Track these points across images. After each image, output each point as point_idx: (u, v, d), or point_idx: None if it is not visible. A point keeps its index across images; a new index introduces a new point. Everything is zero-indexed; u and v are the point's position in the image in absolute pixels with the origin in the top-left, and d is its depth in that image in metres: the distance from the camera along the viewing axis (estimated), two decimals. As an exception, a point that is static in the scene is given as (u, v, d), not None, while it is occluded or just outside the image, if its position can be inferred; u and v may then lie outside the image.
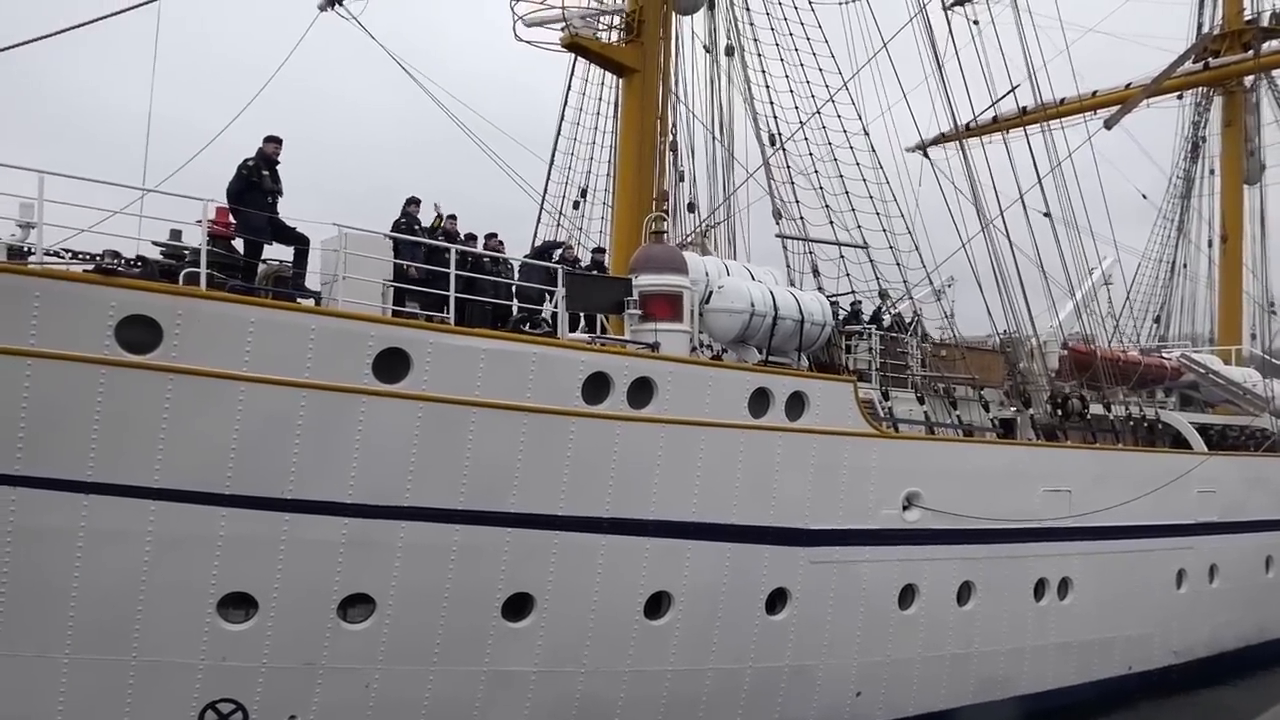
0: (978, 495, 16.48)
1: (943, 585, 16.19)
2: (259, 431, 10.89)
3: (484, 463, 12.01)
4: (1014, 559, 17.08)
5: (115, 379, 10.28)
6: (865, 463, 15.07)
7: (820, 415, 14.54)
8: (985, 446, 17.64)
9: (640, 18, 19.19)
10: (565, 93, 22.31)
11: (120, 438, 10.42)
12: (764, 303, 14.31)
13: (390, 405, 11.47)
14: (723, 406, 13.63)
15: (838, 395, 14.80)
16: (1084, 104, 29.06)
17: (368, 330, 11.35)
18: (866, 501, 15.13)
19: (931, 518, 15.80)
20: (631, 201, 18.81)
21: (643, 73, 19.19)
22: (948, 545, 16.13)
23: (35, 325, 9.91)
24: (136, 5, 11.79)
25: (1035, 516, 17.31)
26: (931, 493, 15.85)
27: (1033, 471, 17.62)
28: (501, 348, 12.10)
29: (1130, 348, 26.59)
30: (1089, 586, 18.31)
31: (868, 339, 17.60)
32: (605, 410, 12.73)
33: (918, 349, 18.34)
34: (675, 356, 13.54)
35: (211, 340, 10.58)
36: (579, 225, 22.65)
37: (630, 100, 19.48)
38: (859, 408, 15.04)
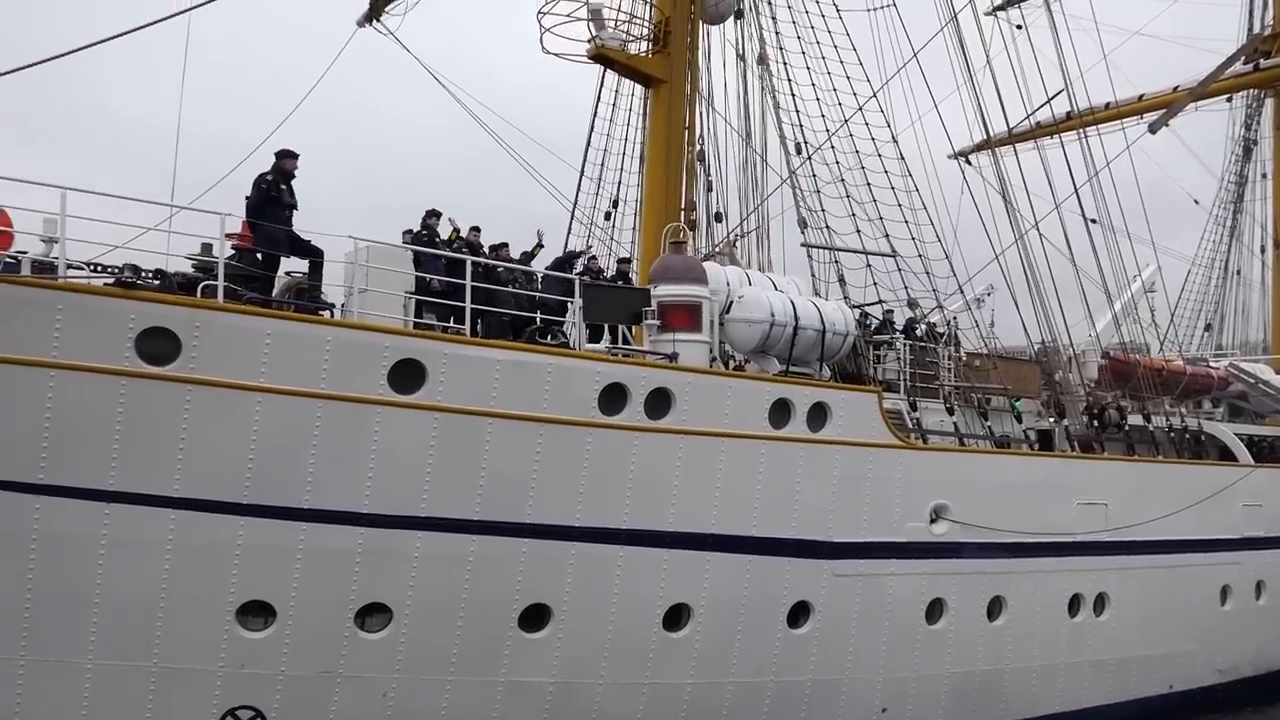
0: (1009, 508, 16.25)
1: (972, 600, 15.96)
2: (276, 442, 11.07)
3: (500, 473, 12.10)
4: (1047, 573, 16.80)
5: (135, 390, 10.52)
6: (890, 474, 14.94)
7: (843, 426, 14.43)
8: (1016, 458, 17.38)
9: (667, 28, 19.26)
10: (595, 103, 22.44)
11: (140, 448, 10.66)
12: (784, 312, 14.26)
13: (406, 416, 11.60)
14: (742, 417, 13.60)
15: (861, 406, 14.70)
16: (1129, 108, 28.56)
17: (383, 341, 11.50)
18: (892, 514, 14.99)
19: (960, 530, 15.61)
20: (659, 212, 18.82)
21: (670, 83, 19.25)
22: (977, 559, 15.92)
23: (58, 338, 10.18)
24: (166, 18, 12.04)
25: (1069, 530, 17.02)
26: (960, 505, 15.65)
27: (1066, 484, 17.32)
28: (517, 358, 12.18)
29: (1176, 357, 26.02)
30: (1127, 602, 17.94)
31: (896, 349, 17.41)
32: (623, 421, 12.75)
33: (949, 359, 18.08)
34: (693, 367, 13.54)
35: (229, 352, 10.79)
36: (611, 236, 22.74)
37: (658, 110, 19.53)
38: (883, 418, 14.92)
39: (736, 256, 19.78)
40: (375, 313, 12.28)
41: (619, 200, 22.84)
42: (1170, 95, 28.38)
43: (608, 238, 22.62)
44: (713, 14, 20.15)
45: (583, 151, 22.48)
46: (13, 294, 9.97)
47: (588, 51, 18.79)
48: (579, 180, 22.38)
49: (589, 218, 22.69)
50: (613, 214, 22.88)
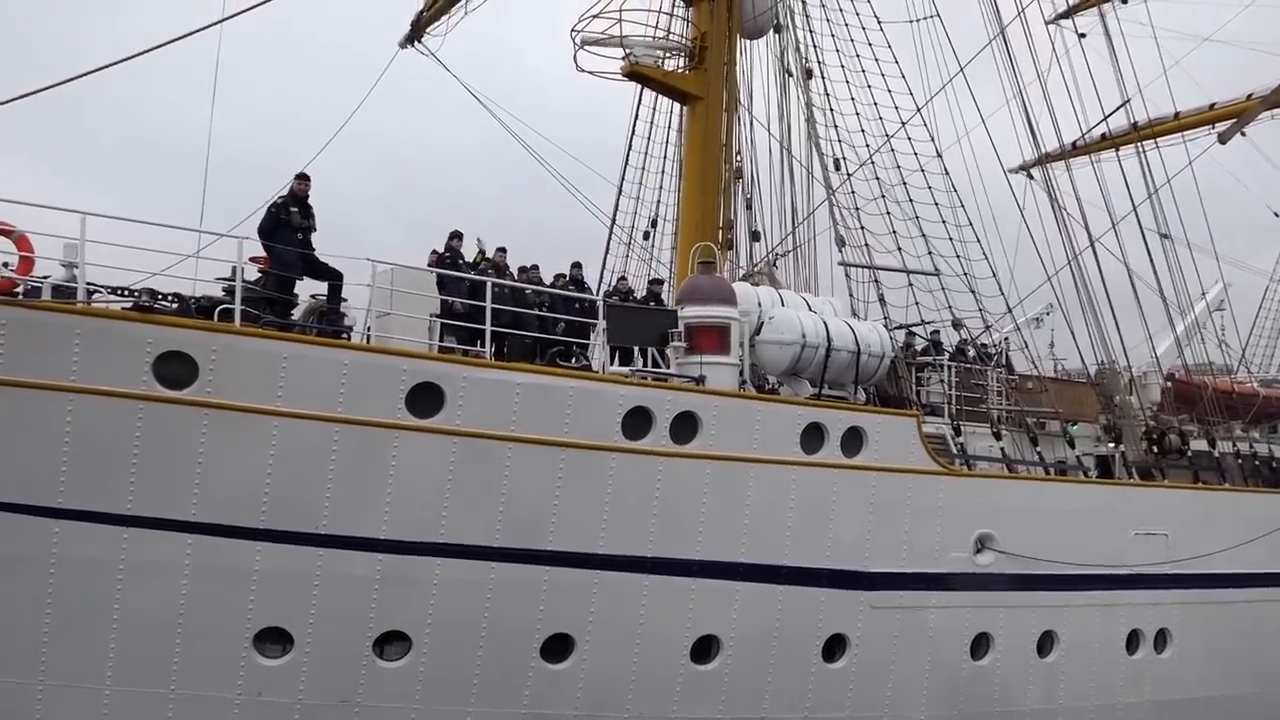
0: (1060, 538, 15.88)
1: (1021, 635, 15.60)
2: (293, 466, 11.24)
3: (521, 499, 12.15)
4: (1102, 607, 16.36)
5: (153, 414, 10.77)
6: (931, 502, 14.71)
7: (880, 451, 14.26)
8: (1067, 485, 17.00)
9: (704, 43, 19.33)
10: (632, 120, 22.58)
11: (158, 472, 10.89)
12: (816, 334, 14.16)
13: (424, 440, 11.72)
14: (773, 442, 13.51)
15: (899, 430, 14.52)
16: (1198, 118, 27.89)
17: (400, 365, 11.64)
18: (933, 543, 14.74)
19: (1007, 561, 15.29)
20: (696, 231, 18.83)
21: (707, 99, 19.32)
22: (1026, 591, 15.57)
23: (76, 362, 10.47)
24: (195, 31, 12.35)
25: (1126, 561, 16.56)
26: (1007, 535, 15.34)
27: (1122, 512, 16.89)
28: (538, 382, 12.25)
29: (1250, 379, 25.30)
30: (1191, 639, 17.37)
31: (940, 371, 17.18)
32: (647, 446, 12.73)
33: (996, 381, 17.79)
34: (721, 390, 13.49)
35: (246, 375, 11.01)
36: (650, 256, 22.80)
37: (694, 127, 19.62)
38: (923, 443, 14.72)
39: (776, 277, 19.68)
40: (398, 336, 12.47)
41: (658, 219, 22.99)
42: (1243, 104, 27.70)
43: (646, 257, 22.73)
44: (750, 28, 20.18)
45: (620, 169, 22.71)
46: (31, 318, 10.29)
47: (622, 69, 18.94)
48: (616, 198, 22.57)
49: (628, 237, 22.83)
50: (651, 233, 22.99)
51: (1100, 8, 23.73)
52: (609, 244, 22.59)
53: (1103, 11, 23.30)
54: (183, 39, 12.04)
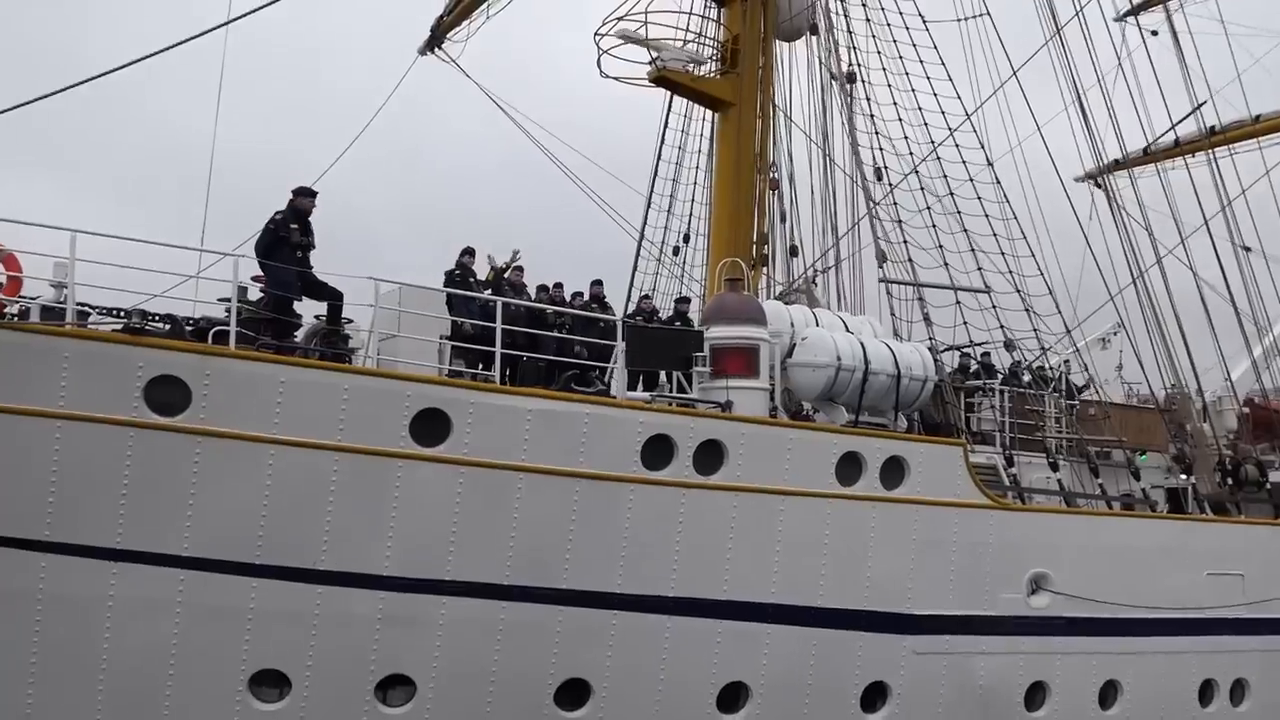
0: (1124, 578, 15.67)
1: (1081, 684, 15.34)
2: (290, 498, 11.33)
3: (533, 533, 12.15)
4: (1171, 654, 16.06)
5: (144, 441, 10.90)
6: (980, 538, 14.56)
7: (923, 483, 14.15)
8: (1132, 520, 16.74)
9: (736, 46, 19.38)
10: (661, 129, 22.69)
11: (149, 503, 11.01)
12: (852, 356, 14.09)
13: (430, 470, 11.76)
14: (806, 472, 13.44)
15: (944, 460, 14.42)
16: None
17: (404, 390, 11.71)
18: (982, 583, 14.58)
19: (1065, 604, 15.08)
20: (727, 246, 18.82)
21: (739, 106, 19.35)
22: (1086, 636, 15.34)
23: (64, 387, 10.64)
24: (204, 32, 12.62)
25: (1198, 604, 16.24)
26: (1065, 574, 15.15)
27: (1194, 550, 16.59)
28: (550, 408, 12.27)
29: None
30: (1272, 691, 16.96)
31: (992, 396, 17.00)
32: (669, 477, 12.71)
33: (1054, 407, 17.57)
34: (749, 417, 13.45)
35: (241, 401, 11.13)
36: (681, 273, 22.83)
37: (726, 136, 19.65)
38: (970, 474, 14.58)
39: (816, 294, 19.62)
40: (406, 360, 12.57)
41: (690, 234, 23.03)
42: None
43: (677, 275, 22.76)
44: (786, 30, 20.25)
45: (649, 181, 22.80)
46: (17, 341, 10.47)
47: (648, 75, 19.01)
48: (645, 212, 22.65)
49: (658, 253, 22.89)
50: (683, 249, 23.03)
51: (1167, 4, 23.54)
52: (636, 260, 22.72)
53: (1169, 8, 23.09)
54: (187, 42, 12.32)
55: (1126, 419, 19.34)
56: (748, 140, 19.35)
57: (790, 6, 20.05)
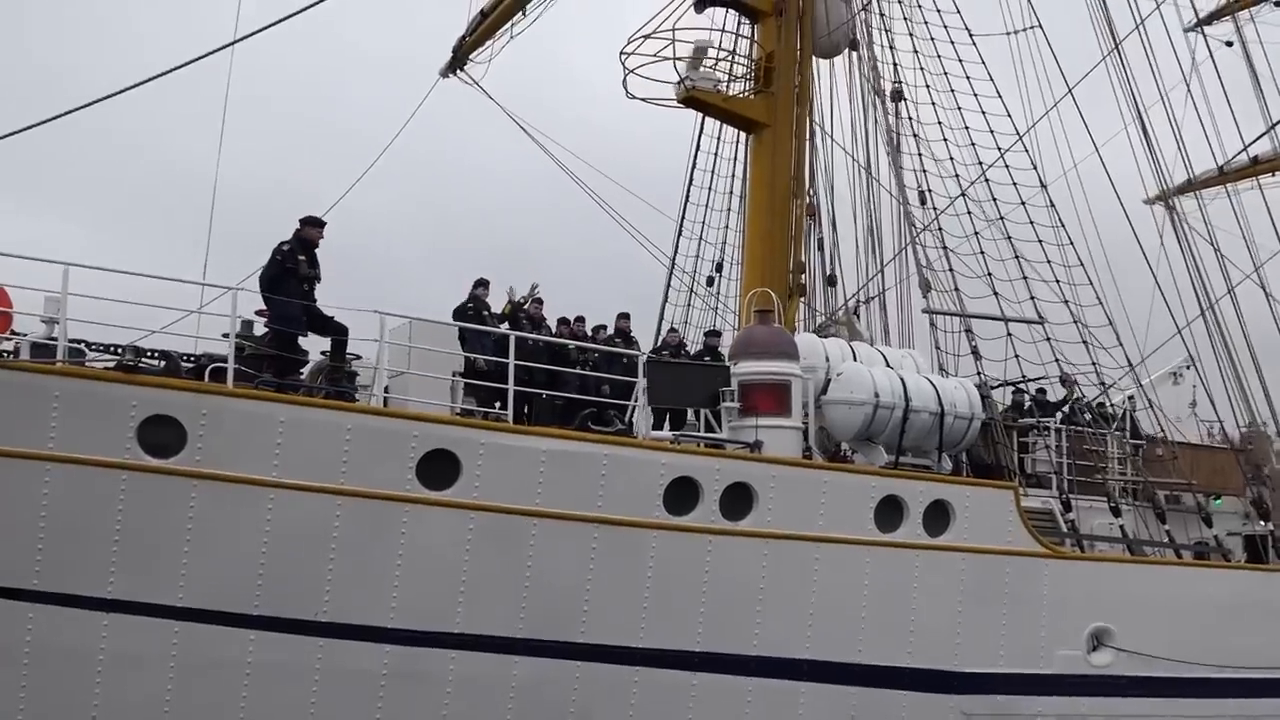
0: (1195, 634, 15.43)
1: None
2: (290, 544, 11.40)
3: (548, 583, 12.14)
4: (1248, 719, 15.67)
5: (137, 485, 11.03)
6: (1034, 589, 14.41)
7: (970, 529, 14.04)
8: (1204, 570, 16.49)
9: (770, 64, 19.47)
10: (693, 152, 22.78)
11: (142, 551, 11.12)
12: (892, 392, 14.01)
13: (438, 515, 11.81)
14: (842, 517, 13.38)
15: (993, 504, 14.30)
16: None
17: (410, 429, 11.79)
18: (1037, 639, 14.40)
19: (1129, 662, 14.85)
20: (762, 275, 18.84)
21: (774, 127, 19.40)
22: (1154, 698, 15.07)
23: (55, 427, 10.81)
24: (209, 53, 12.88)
25: (1277, 663, 15.85)
26: (1130, 630, 14.93)
27: (1274, 604, 16.26)
28: (566, 448, 12.30)
29: None
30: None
31: (1048, 435, 16.81)
32: (693, 522, 12.68)
33: (1116, 447, 17.34)
34: (781, 458, 13.39)
35: (239, 442, 11.24)
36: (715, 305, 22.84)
37: (760, 158, 19.69)
38: (1022, 519, 14.45)
39: (857, 327, 19.55)
40: (416, 399, 12.65)
41: (723, 263, 23.05)
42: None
43: (710, 306, 22.77)
44: (824, 46, 20.28)
45: (680, 207, 22.87)
46: (4, 379, 10.64)
47: (677, 95, 19.12)
48: (675, 240, 22.70)
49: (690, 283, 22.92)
50: (716, 279, 23.04)
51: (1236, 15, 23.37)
52: (667, 291, 22.76)
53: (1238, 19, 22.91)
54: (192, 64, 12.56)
55: (1198, 460, 18.99)
56: (783, 163, 19.37)
57: (829, 21, 20.11)
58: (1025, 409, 18.30)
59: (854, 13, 20.23)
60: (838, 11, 19.98)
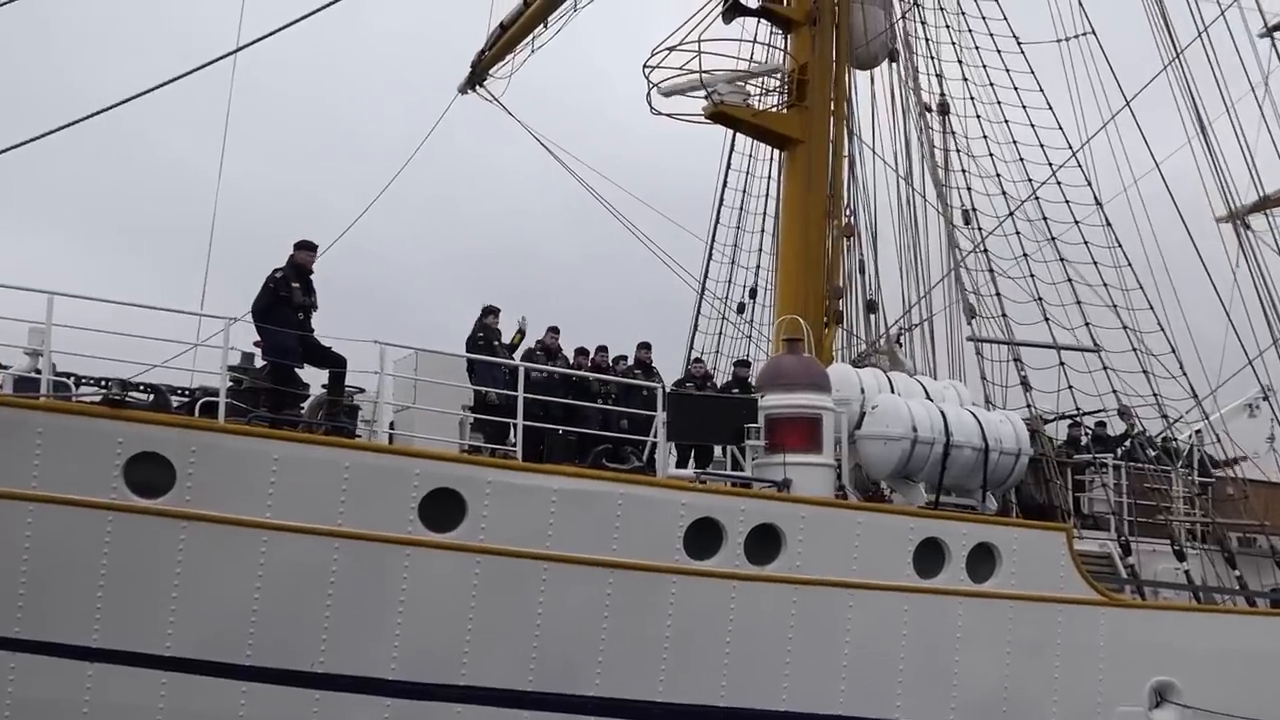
0: (1270, 690, 15.19)
1: (1220, 818, 14.75)
2: (285, 590, 11.46)
3: (560, 632, 12.13)
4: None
5: (123, 526, 11.14)
6: (1089, 639, 14.31)
7: (1018, 574, 13.95)
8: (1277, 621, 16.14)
9: (804, 76, 19.52)
10: (723, 170, 22.91)
11: (129, 596, 11.22)
12: (931, 426, 13.96)
13: (442, 559, 11.86)
14: (878, 562, 13.33)
15: (1043, 547, 14.24)
16: None
17: (412, 467, 11.85)
18: (1093, 694, 14.28)
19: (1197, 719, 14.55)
20: (796, 301, 18.84)
21: (809, 143, 19.45)
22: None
23: (37, 465, 10.96)
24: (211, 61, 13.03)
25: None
26: (1196, 685, 14.76)
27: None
28: (579, 487, 12.32)
29: None
30: None
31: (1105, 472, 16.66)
32: (717, 567, 12.65)
33: (1182, 486, 17.14)
34: (811, 497, 13.36)
35: (231, 481, 11.34)
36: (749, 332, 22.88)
37: (794, 176, 19.73)
38: (1075, 564, 14.35)
39: (900, 356, 19.49)
40: (423, 435, 12.73)
41: (756, 288, 23.10)
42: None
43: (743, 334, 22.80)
44: (862, 56, 20.33)
45: (710, 228, 22.97)
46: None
47: (704, 110, 19.22)
48: (705, 264, 22.80)
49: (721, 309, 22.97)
50: (749, 305, 23.08)
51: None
52: (696, 319, 22.84)
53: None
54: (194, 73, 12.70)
55: (1274, 499, 18.73)
56: (818, 181, 19.40)
57: (866, 30, 20.17)
58: (1082, 444, 18.15)
59: (893, 21, 20.28)
60: (876, 20, 20.04)
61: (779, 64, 20.23)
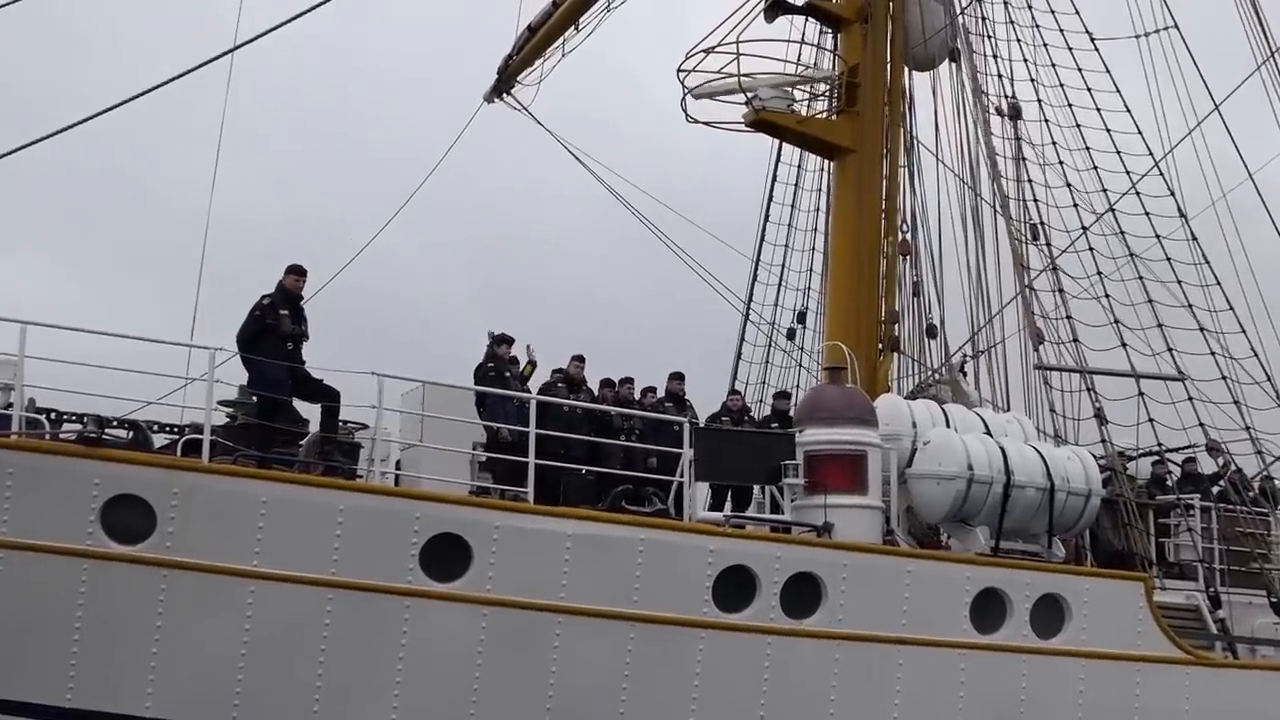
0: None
1: None
2: (275, 645, 11.53)
3: (575, 692, 12.14)
4: None
5: (99, 575, 11.28)
6: (1171, 703, 14.19)
7: (1090, 629, 13.86)
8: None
9: (855, 79, 19.51)
10: (769, 184, 22.94)
11: (106, 652, 11.35)
12: (988, 464, 13.88)
13: (446, 611, 11.90)
14: (932, 615, 13.28)
15: (1118, 599, 14.14)
16: None
17: (413, 510, 11.93)
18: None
19: None
20: (847, 325, 18.82)
21: (861, 152, 19.44)
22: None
23: (7, 508, 11.14)
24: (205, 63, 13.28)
25: None
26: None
27: None
28: (596, 532, 12.35)
29: None
30: None
31: (1192, 515, 16.42)
32: (750, 620, 12.63)
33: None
34: (856, 543, 13.30)
35: (216, 526, 11.46)
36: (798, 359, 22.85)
37: (844, 189, 19.74)
38: (1155, 618, 14.23)
39: (964, 387, 19.35)
40: (431, 475, 12.81)
41: (807, 312, 23.07)
42: None
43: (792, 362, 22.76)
44: (919, 56, 20.32)
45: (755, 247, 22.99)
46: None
47: (745, 117, 19.25)
48: (750, 285, 22.80)
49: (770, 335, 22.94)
50: (799, 331, 23.06)
51: None
52: (740, 346, 22.82)
53: None
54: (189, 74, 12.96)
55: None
56: (872, 194, 19.40)
57: (924, 28, 20.14)
58: (1169, 484, 17.92)
59: (954, 15, 20.23)
60: (934, 15, 20.03)
61: (827, 66, 20.27)
